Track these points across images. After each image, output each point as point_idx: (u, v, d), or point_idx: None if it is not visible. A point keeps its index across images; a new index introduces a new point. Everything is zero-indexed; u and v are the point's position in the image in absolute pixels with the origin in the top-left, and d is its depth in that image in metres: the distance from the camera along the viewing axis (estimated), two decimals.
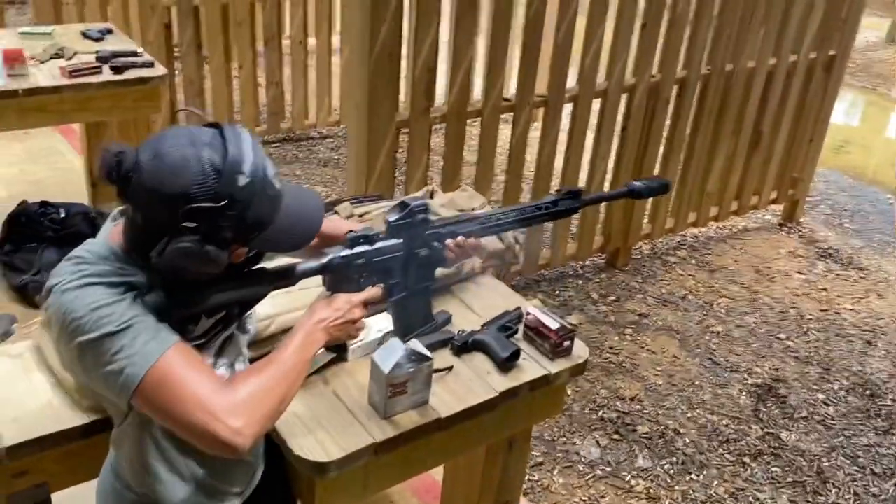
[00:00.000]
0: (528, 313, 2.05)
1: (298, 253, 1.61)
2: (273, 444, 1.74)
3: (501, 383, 1.91)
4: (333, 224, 1.74)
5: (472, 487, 2.28)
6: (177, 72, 5.03)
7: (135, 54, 3.54)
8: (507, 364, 1.95)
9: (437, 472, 2.53)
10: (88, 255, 1.33)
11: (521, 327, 2.08)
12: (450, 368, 1.94)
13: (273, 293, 1.54)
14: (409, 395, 1.78)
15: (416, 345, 1.79)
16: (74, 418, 1.75)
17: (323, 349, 1.57)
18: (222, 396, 1.30)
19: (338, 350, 1.64)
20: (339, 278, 1.59)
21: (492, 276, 2.38)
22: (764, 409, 3.48)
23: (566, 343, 2.00)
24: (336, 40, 5.71)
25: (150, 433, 1.46)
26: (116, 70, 3.36)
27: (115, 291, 1.30)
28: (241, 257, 1.42)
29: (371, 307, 1.63)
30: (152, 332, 1.30)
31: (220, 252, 1.31)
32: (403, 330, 1.78)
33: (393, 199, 2.65)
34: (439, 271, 2.17)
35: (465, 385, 1.90)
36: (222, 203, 1.27)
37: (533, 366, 1.98)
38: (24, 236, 3.78)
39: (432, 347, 1.97)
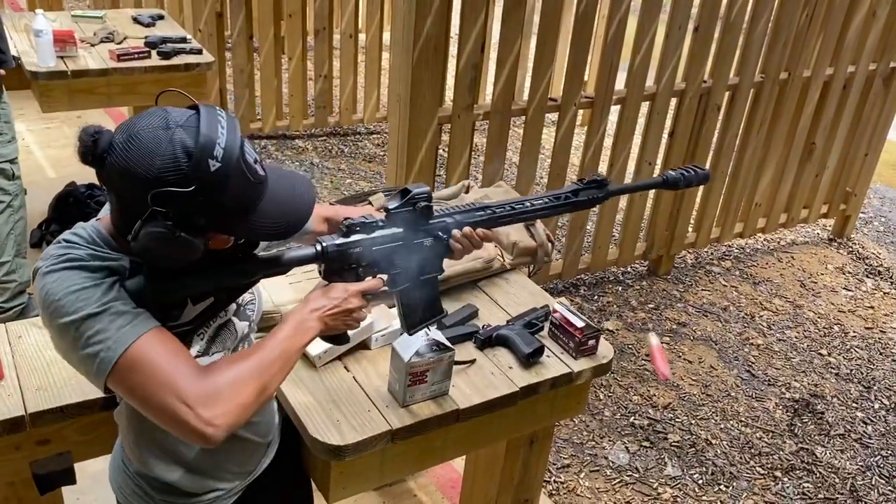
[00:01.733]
0: (555, 311, 2.03)
1: (301, 241, 1.58)
2: (288, 424, 1.75)
3: (523, 379, 1.89)
4: (343, 211, 1.71)
5: (491, 483, 2.26)
6: (228, 61, 5.09)
7: (184, 41, 3.59)
8: (529, 360, 1.93)
9: (461, 467, 2.52)
10: (75, 238, 1.32)
11: (546, 325, 2.06)
12: (472, 361, 1.93)
13: (295, 282, 1.50)
14: (428, 385, 1.77)
15: (439, 335, 1.78)
16: (96, 390, 1.77)
17: (321, 340, 1.53)
18: (197, 384, 1.27)
19: (338, 341, 1.59)
20: (334, 267, 1.51)
21: (522, 274, 2.36)
22: (799, 424, 3.39)
23: (591, 342, 1.97)
24: (387, 37, 5.73)
25: (139, 414, 1.42)
26: (164, 55, 3.41)
27: (95, 276, 1.28)
28: (224, 244, 1.36)
29: (373, 298, 1.56)
30: (129, 317, 1.27)
31: (193, 238, 1.26)
32: (408, 321, 1.66)
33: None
34: (463, 266, 2.17)
35: (486, 378, 1.89)
36: (191, 188, 1.21)
37: (556, 363, 1.96)
38: (70, 217, 3.86)
39: (456, 340, 1.97)
